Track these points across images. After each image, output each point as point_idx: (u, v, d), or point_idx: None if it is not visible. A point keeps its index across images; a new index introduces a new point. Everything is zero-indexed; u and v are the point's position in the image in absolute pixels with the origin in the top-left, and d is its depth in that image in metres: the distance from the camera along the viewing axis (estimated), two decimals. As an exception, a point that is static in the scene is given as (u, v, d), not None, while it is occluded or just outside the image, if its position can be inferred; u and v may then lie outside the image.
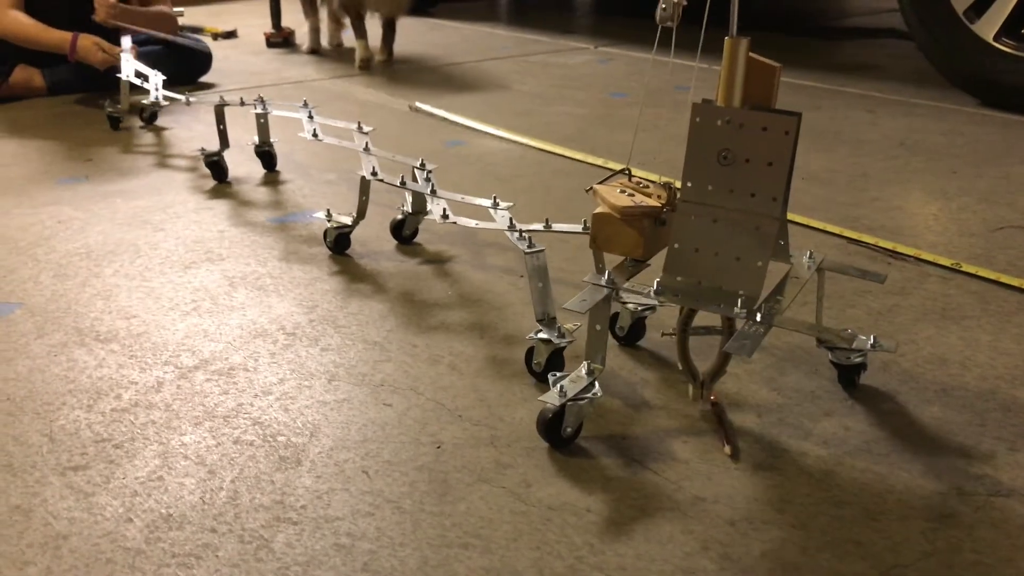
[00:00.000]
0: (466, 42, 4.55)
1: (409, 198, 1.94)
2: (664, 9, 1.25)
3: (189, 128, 2.94)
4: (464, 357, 1.52)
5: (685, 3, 1.26)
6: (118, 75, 2.90)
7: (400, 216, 1.99)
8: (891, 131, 2.95)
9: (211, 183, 2.40)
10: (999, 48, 3.10)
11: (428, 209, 1.85)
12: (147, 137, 2.83)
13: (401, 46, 4.27)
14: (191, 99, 2.63)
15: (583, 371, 1.29)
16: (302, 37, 4.41)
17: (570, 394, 1.25)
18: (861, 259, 1.94)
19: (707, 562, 1.06)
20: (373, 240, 2.01)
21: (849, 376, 1.44)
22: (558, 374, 1.29)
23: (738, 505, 1.16)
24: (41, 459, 1.25)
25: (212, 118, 2.43)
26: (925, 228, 2.13)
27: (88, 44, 3.09)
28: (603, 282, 1.30)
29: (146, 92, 2.83)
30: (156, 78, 2.80)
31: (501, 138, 2.86)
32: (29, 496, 1.17)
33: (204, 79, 3.61)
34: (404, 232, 2.01)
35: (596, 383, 1.28)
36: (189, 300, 1.73)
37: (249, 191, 2.35)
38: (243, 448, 1.27)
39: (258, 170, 2.50)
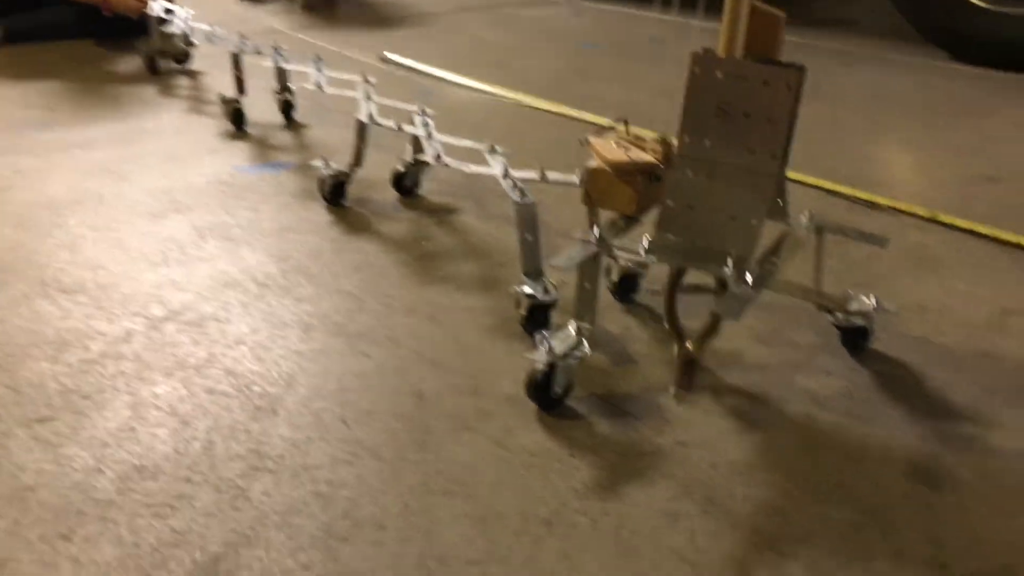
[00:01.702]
0: (436, -6, 4.45)
1: (410, 148, 1.91)
2: None
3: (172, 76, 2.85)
4: (442, 307, 1.50)
5: None
6: (148, 14, 2.88)
7: (401, 168, 1.94)
8: (866, 84, 2.94)
9: (177, 132, 2.33)
10: (972, 3, 3.09)
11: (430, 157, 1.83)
12: (118, 83, 2.74)
13: (369, -3, 4.18)
14: (217, 35, 2.59)
15: (571, 329, 1.25)
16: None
17: (558, 352, 1.21)
18: (840, 210, 1.93)
19: (691, 505, 1.06)
20: (366, 191, 1.96)
21: (852, 339, 1.38)
22: (545, 332, 1.24)
23: (720, 449, 1.16)
24: (5, 411, 1.21)
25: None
26: (902, 179, 2.13)
27: None
28: (592, 239, 1.26)
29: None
30: (183, 12, 2.78)
31: (473, 89, 2.81)
32: (-6, 448, 1.13)
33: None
34: (405, 183, 1.95)
35: (584, 342, 1.24)
36: (157, 250, 1.68)
37: (219, 140, 2.28)
38: (217, 398, 1.24)
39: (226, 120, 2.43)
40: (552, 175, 1.59)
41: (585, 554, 0.98)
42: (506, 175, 1.57)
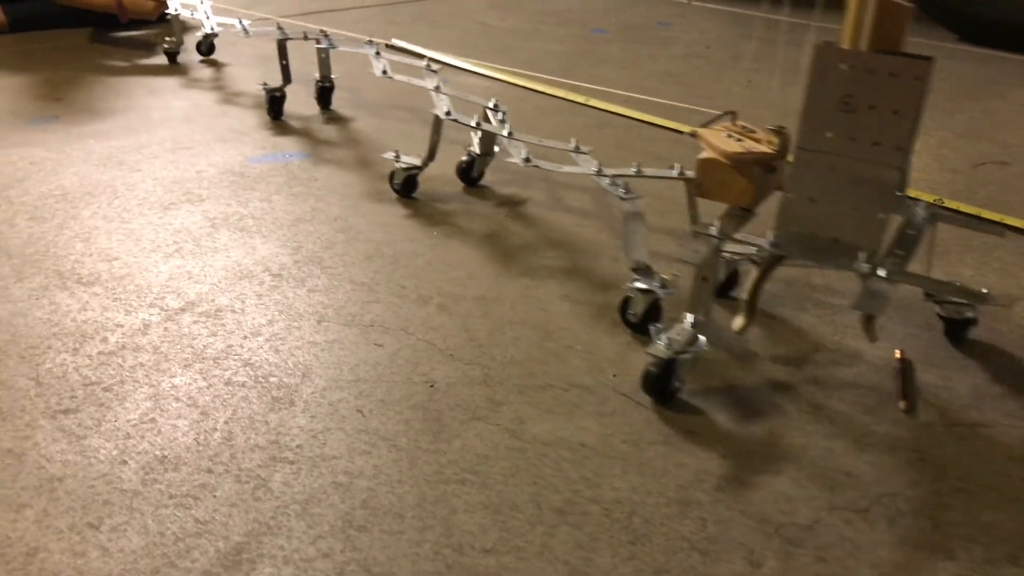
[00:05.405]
0: (441, -24, 4.44)
1: (476, 139, 1.90)
2: None
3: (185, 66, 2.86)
4: (453, 297, 1.52)
5: None
6: (167, 13, 2.90)
7: (467, 158, 1.95)
8: (872, 67, 2.94)
9: (186, 121, 2.35)
10: (981, -18, 3.08)
11: (495, 150, 1.84)
12: (125, 73, 2.75)
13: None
14: (249, 29, 2.57)
15: (687, 323, 1.25)
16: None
17: (675, 348, 1.21)
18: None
19: (701, 494, 1.08)
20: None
21: (957, 331, 1.40)
22: (659, 326, 1.25)
23: (729, 438, 1.18)
24: (30, 403, 1.23)
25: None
26: (907, 164, 2.13)
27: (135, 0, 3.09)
28: (714, 232, 1.24)
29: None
30: (205, 5, 2.82)
31: (481, 75, 2.81)
32: (20, 440, 1.16)
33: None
34: (472, 174, 1.96)
35: (700, 336, 1.24)
36: (171, 242, 1.70)
37: (229, 130, 2.30)
38: (235, 389, 1.27)
39: (240, 106, 2.45)
40: (648, 170, 1.55)
41: (598, 542, 1.00)
42: (600, 173, 1.54)
